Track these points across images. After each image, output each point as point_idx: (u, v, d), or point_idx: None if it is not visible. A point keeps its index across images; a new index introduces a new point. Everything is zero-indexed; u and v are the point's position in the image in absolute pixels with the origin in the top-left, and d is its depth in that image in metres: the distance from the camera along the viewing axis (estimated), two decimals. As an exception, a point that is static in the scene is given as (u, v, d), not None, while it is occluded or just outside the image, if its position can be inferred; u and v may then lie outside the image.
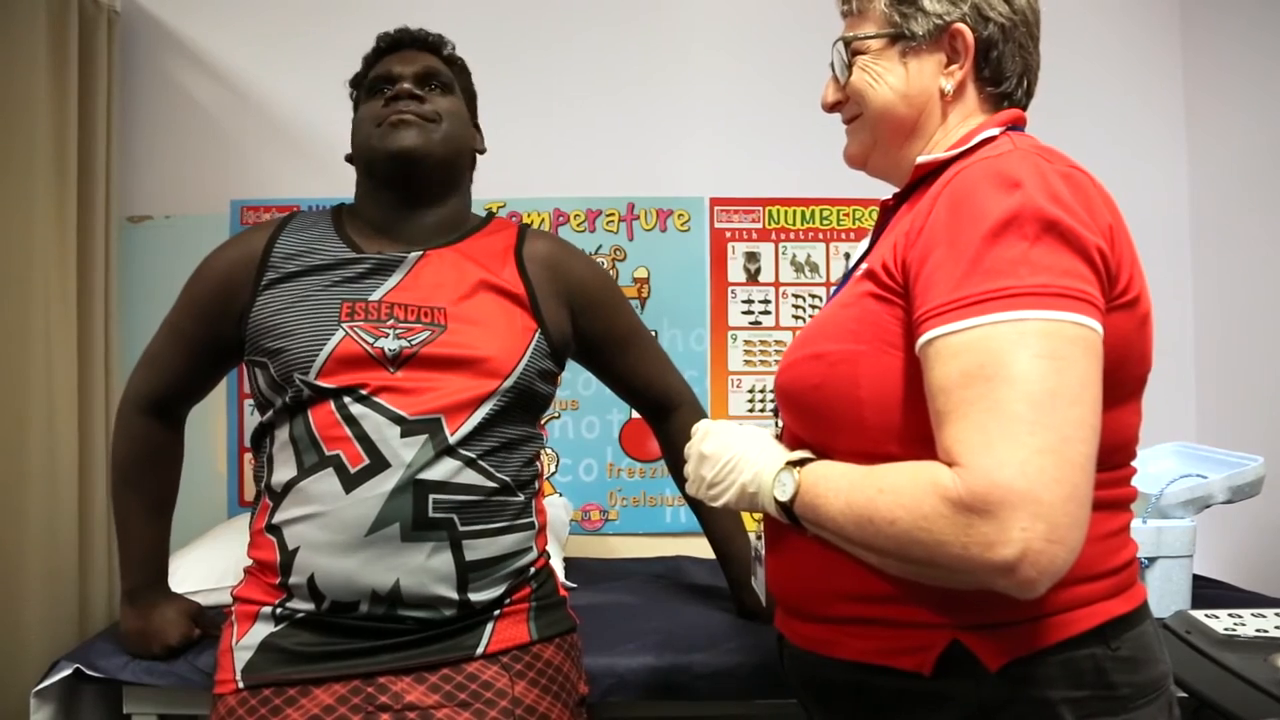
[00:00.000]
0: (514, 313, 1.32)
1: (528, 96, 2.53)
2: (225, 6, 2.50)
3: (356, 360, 1.22)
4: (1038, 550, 0.73)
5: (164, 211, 2.50)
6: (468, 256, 1.34)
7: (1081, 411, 0.77)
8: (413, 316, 1.26)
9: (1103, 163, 2.74)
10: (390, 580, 1.17)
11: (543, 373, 1.33)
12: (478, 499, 1.22)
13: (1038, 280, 0.79)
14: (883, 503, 0.83)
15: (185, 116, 2.52)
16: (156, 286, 2.40)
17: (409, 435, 1.19)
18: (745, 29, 2.58)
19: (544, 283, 1.37)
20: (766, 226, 2.60)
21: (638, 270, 2.58)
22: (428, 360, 1.23)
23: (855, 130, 1.09)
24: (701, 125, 2.60)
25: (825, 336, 0.97)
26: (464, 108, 1.43)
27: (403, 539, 1.17)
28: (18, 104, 2.00)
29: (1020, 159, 0.87)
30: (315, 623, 1.19)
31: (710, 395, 2.57)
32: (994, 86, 1.02)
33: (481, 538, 1.22)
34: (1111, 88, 2.66)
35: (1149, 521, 1.74)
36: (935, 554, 0.78)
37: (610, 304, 1.49)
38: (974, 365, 0.78)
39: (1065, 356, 0.77)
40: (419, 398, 1.21)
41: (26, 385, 2.00)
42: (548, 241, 1.45)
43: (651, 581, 2.16)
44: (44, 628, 1.98)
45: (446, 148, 1.35)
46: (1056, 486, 0.74)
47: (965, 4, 1.00)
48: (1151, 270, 0.96)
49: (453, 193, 1.39)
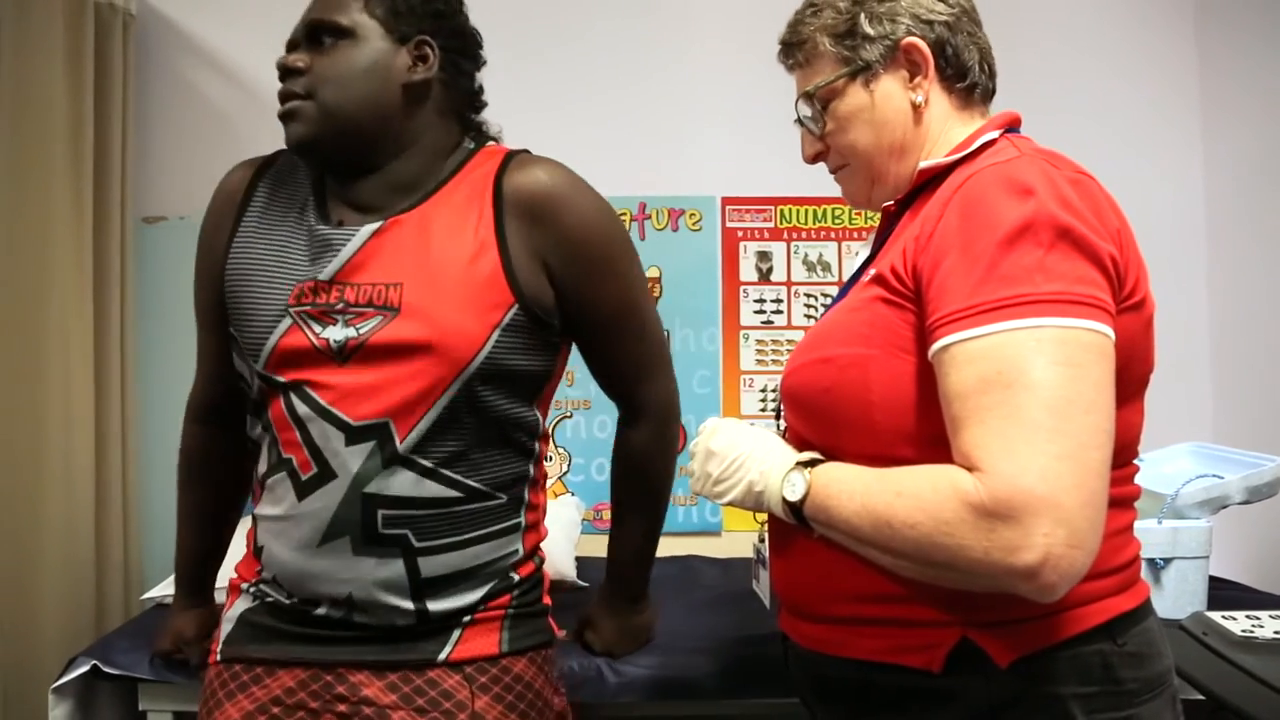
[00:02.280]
0: (482, 283, 1.10)
1: (538, 96, 2.53)
2: (239, 9, 2.51)
3: (301, 354, 1.10)
4: (1059, 555, 0.74)
5: (178, 212, 2.51)
6: (434, 219, 1.13)
7: (1097, 418, 0.78)
8: (364, 299, 1.09)
9: (1119, 166, 2.73)
10: (344, 591, 1.09)
11: (527, 347, 1.13)
12: (437, 512, 1.10)
13: (1053, 287, 0.80)
14: (901, 506, 0.83)
15: (199, 118, 2.54)
16: (171, 286, 2.42)
17: (355, 443, 1.07)
18: (757, 28, 2.56)
19: (522, 238, 1.12)
20: (778, 226, 2.60)
21: (650, 270, 2.58)
22: (377, 350, 1.08)
23: (847, 178, 1.09)
24: (713, 125, 2.60)
25: (834, 340, 0.96)
26: (360, 48, 1.12)
27: (354, 552, 1.08)
28: (36, 106, 2.03)
29: (1029, 164, 0.88)
30: (282, 609, 1.14)
31: (722, 395, 2.57)
32: (960, 81, 1.02)
33: (443, 553, 1.11)
34: (1127, 92, 2.65)
35: (1164, 522, 1.73)
36: (956, 558, 0.79)
37: (599, 269, 1.17)
38: (992, 371, 0.79)
39: (1081, 364, 0.78)
40: (366, 399, 1.07)
41: (44, 384, 2.02)
42: (536, 175, 1.14)
43: (662, 581, 2.15)
44: (61, 625, 2.00)
45: (331, 123, 1.11)
46: (1076, 492, 0.75)
47: (904, 16, 1.00)
48: (1167, 272, 0.96)
49: (392, 151, 1.15)
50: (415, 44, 1.14)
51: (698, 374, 2.57)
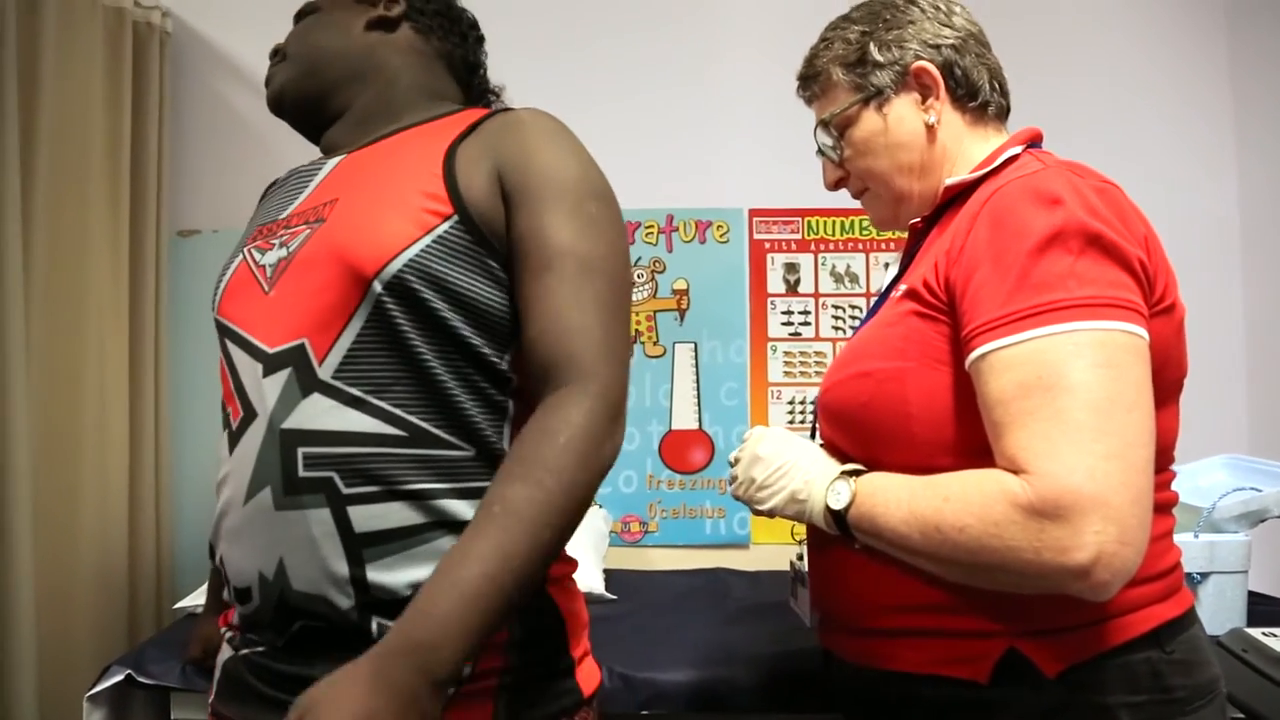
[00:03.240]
0: (417, 190, 0.96)
1: (564, 107, 2.52)
2: (273, 28, 2.52)
3: (242, 285, 1.01)
4: (1111, 553, 0.75)
5: (212, 225, 2.55)
6: (395, 148, 1.05)
7: (1139, 416, 0.79)
8: (300, 220, 1.00)
9: (1153, 173, 2.70)
10: (274, 559, 0.90)
11: (468, 267, 0.94)
12: (370, 451, 0.90)
13: (1086, 292, 0.81)
14: (950, 510, 0.84)
15: (233, 133, 2.57)
16: (204, 298, 2.45)
17: (271, 373, 0.92)
18: (784, 40, 2.57)
19: (475, 152, 0.98)
20: (806, 237, 2.60)
21: (677, 282, 2.58)
22: (300, 265, 0.95)
23: (870, 201, 1.12)
24: (740, 137, 2.60)
25: (870, 355, 0.98)
26: (328, 13, 1.15)
27: (275, 505, 0.90)
28: (76, 123, 2.07)
29: (1055, 175, 0.89)
30: (255, 665, 0.96)
31: (750, 406, 2.56)
32: (972, 100, 1.05)
33: (379, 501, 0.89)
34: (1160, 97, 2.62)
35: (1201, 536, 1.70)
36: (1007, 560, 0.80)
37: (553, 197, 0.95)
38: (1031, 377, 0.80)
39: (1120, 364, 0.80)
40: (281, 321, 0.94)
41: (80, 394, 2.05)
42: (516, 111, 1.03)
43: (692, 594, 2.16)
44: (96, 633, 2.03)
45: (295, 68, 1.13)
46: (1124, 490, 0.76)
47: (912, 42, 1.04)
48: (1202, 280, 0.96)
49: (356, 84, 1.12)
50: (384, 2, 1.15)
51: (725, 386, 2.57)
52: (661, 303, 2.58)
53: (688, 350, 2.58)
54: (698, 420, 2.57)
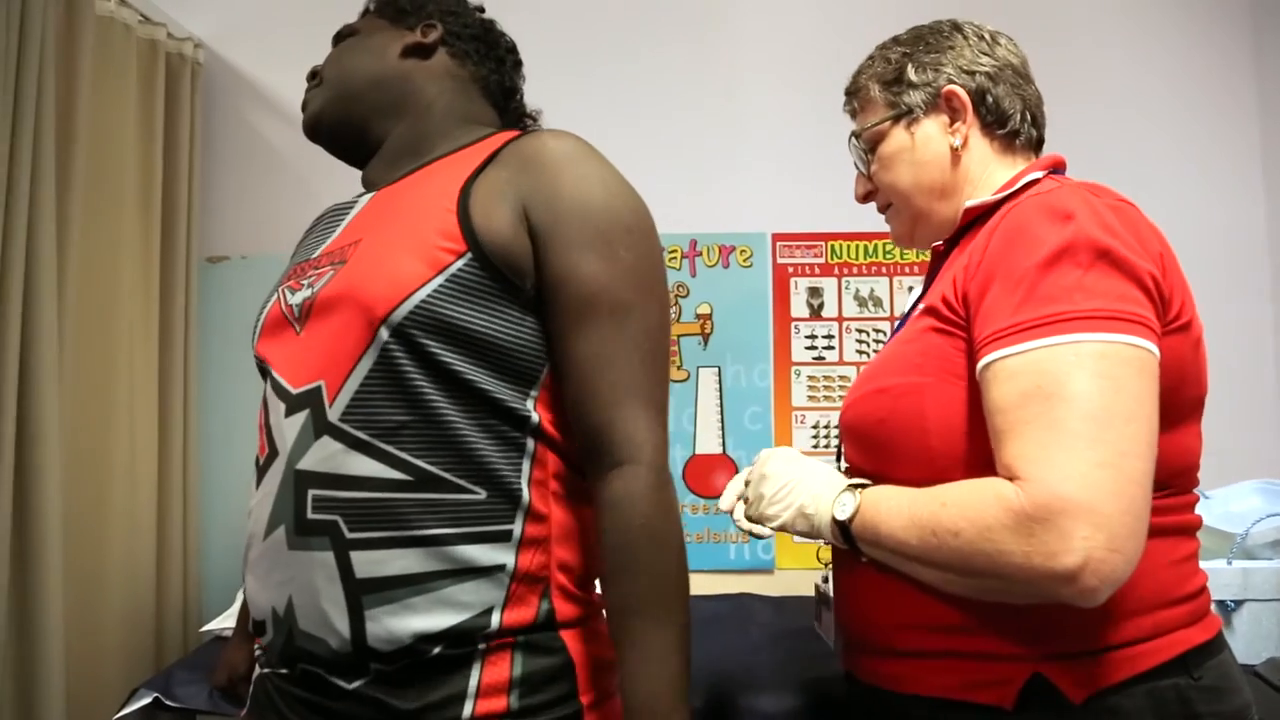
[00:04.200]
0: (430, 227, 0.94)
1: (587, 132, 2.55)
2: (302, 59, 2.57)
3: (276, 324, 1.02)
4: (1099, 559, 0.76)
5: (240, 252, 2.58)
6: (422, 181, 1.03)
7: (1137, 428, 0.80)
8: (327, 261, 1.00)
9: (1180, 193, 2.68)
10: (284, 597, 0.92)
11: (483, 307, 0.91)
12: (374, 496, 0.89)
13: (1092, 305, 0.83)
14: (946, 515, 0.85)
15: (262, 162, 2.61)
16: (233, 324, 2.49)
17: (293, 413, 0.93)
18: (806, 65, 2.60)
19: (495, 184, 0.95)
20: (829, 261, 2.59)
21: (700, 306, 2.58)
22: (322, 306, 0.95)
23: (893, 216, 1.14)
24: (763, 161, 2.61)
25: (889, 372, 0.99)
26: (365, 38, 1.15)
27: (289, 545, 0.91)
28: (110, 151, 2.11)
29: (1070, 193, 0.91)
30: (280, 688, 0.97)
31: (774, 431, 2.56)
32: (1001, 128, 1.07)
33: (381, 547, 0.89)
34: (1187, 117, 2.61)
35: (1234, 563, 1.67)
36: (998, 564, 0.80)
37: (585, 237, 0.93)
38: (1032, 386, 0.82)
39: (1120, 376, 0.80)
40: (304, 362, 0.95)
41: (110, 416, 2.08)
42: (542, 137, 0.99)
43: (716, 619, 2.14)
44: (123, 656, 2.04)
45: (333, 92, 1.12)
46: (1115, 499, 0.77)
47: (948, 67, 1.07)
48: (1231, 300, 0.95)
49: (392, 113, 1.11)
50: (421, 28, 1.15)
51: (749, 410, 2.56)
52: (685, 327, 2.58)
53: (711, 374, 2.57)
54: (721, 444, 2.56)
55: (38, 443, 1.78)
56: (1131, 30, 2.62)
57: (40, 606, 1.77)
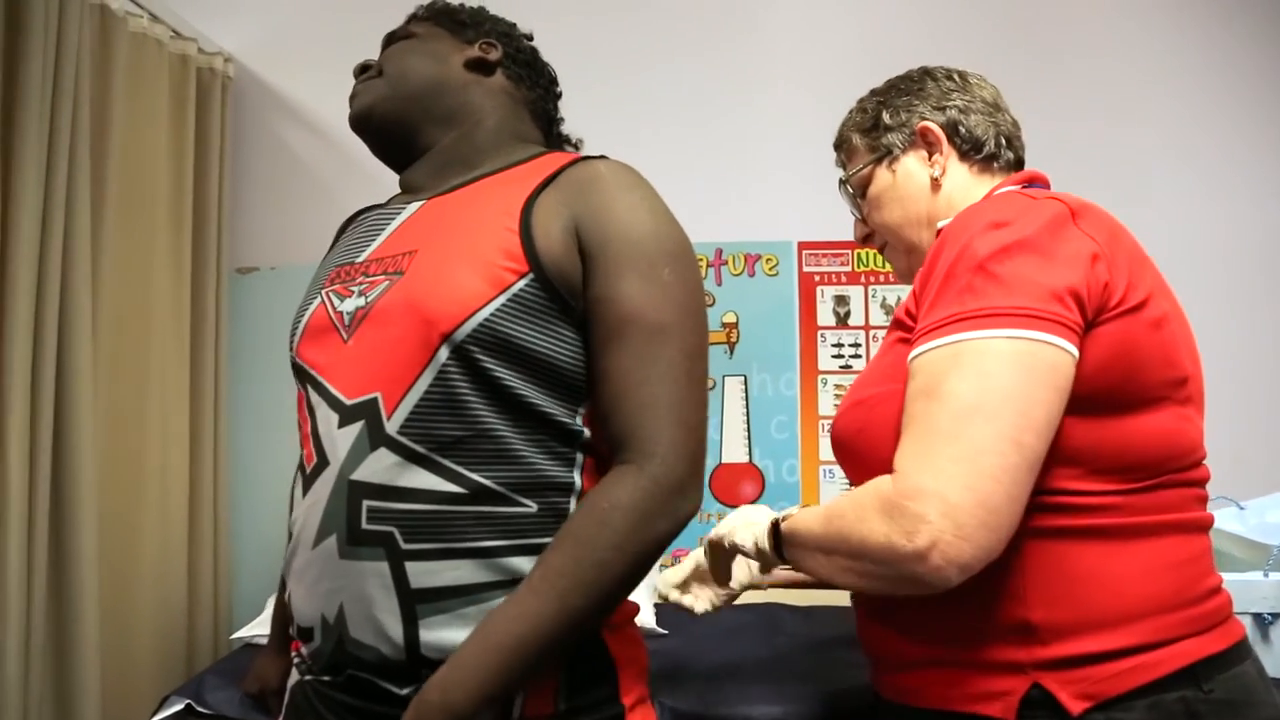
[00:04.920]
0: (494, 246, 0.96)
1: (612, 141, 2.55)
2: (329, 72, 2.62)
3: (321, 330, 1.02)
4: (946, 542, 0.81)
5: (270, 263, 2.61)
6: (475, 196, 1.05)
7: (999, 427, 0.83)
8: (379, 269, 1.01)
9: (1203, 197, 2.63)
10: (335, 605, 0.93)
11: (542, 327, 0.95)
12: (431, 509, 0.91)
13: (977, 304, 0.87)
14: (838, 503, 0.93)
15: (291, 174, 2.65)
16: (262, 333, 2.51)
17: (346, 424, 0.94)
18: (831, 73, 2.59)
19: (553, 207, 0.98)
20: (855, 270, 2.59)
21: (726, 315, 2.58)
22: (378, 317, 0.96)
23: (890, 254, 1.21)
24: (788, 169, 2.61)
25: (865, 384, 1.03)
26: (427, 42, 1.16)
27: (340, 554, 0.92)
28: (142, 164, 2.14)
29: (993, 202, 0.96)
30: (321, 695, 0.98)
31: (800, 441, 2.55)
32: (977, 153, 1.13)
33: (437, 559, 0.91)
34: (1218, 109, 2.59)
35: (1271, 575, 1.64)
36: (866, 543, 0.86)
37: (620, 260, 0.96)
38: (922, 384, 0.88)
39: (992, 373, 0.84)
40: (360, 373, 0.95)
41: (143, 426, 2.11)
42: (594, 163, 1.03)
43: (743, 628, 2.13)
44: (155, 663, 2.07)
45: (392, 88, 1.12)
46: (965, 491, 0.81)
47: (920, 106, 1.15)
48: (1257, 304, 0.93)
49: (447, 123, 1.13)
50: (481, 44, 1.17)
51: (775, 419, 2.56)
52: (711, 336, 2.58)
53: (738, 383, 2.57)
54: (748, 453, 2.55)
55: (74, 452, 1.81)
56: (1166, 25, 2.60)
57: (76, 615, 1.80)
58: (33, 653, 1.70)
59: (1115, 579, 0.87)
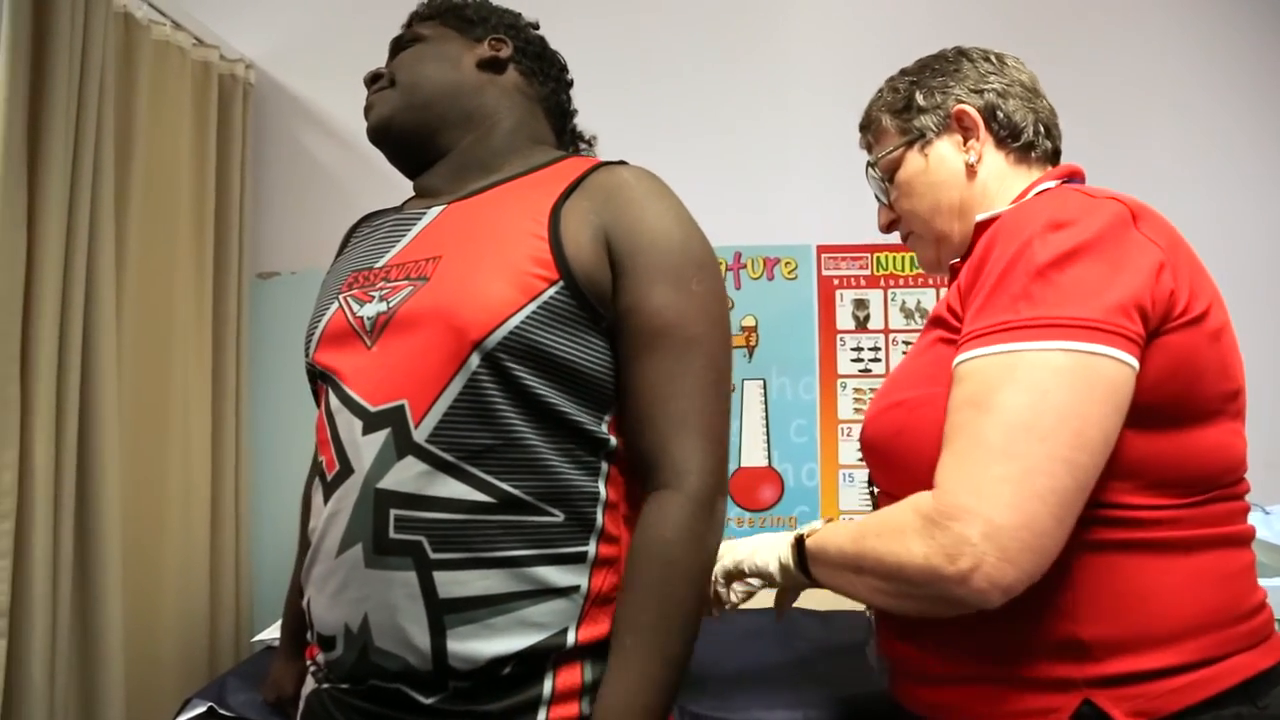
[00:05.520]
0: (523, 254, 0.95)
1: (631, 148, 2.56)
2: (349, 78, 2.62)
3: (341, 335, 1.01)
4: (990, 565, 0.78)
5: (290, 268, 2.63)
6: (497, 202, 1.04)
7: (1051, 446, 0.79)
8: (402, 275, 1.00)
9: (1236, 196, 2.60)
10: (359, 614, 0.92)
11: (571, 335, 0.95)
12: (460, 518, 0.91)
13: (1035, 313, 0.82)
14: (874, 520, 0.90)
15: (311, 180, 2.66)
16: (283, 337, 2.53)
17: (371, 431, 0.93)
18: (850, 76, 2.57)
19: (581, 214, 0.98)
20: (875, 273, 2.57)
21: (745, 319, 2.58)
22: (403, 323, 0.95)
23: (916, 243, 1.15)
24: (807, 173, 2.60)
25: (903, 385, 0.99)
26: (436, 45, 1.15)
27: (366, 563, 0.91)
28: (165, 170, 2.16)
29: (1050, 199, 0.90)
30: (338, 701, 0.98)
31: (820, 444, 2.54)
32: (1015, 140, 1.07)
33: (466, 568, 0.90)
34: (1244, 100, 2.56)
35: (1305, 581, 1.62)
36: (904, 563, 0.83)
37: (657, 269, 0.97)
38: (970, 392, 0.84)
39: (1049, 389, 0.80)
40: (385, 380, 0.94)
41: (165, 430, 2.13)
42: (620, 171, 1.03)
43: (761, 633, 2.12)
44: (178, 666, 2.08)
45: (407, 98, 1.11)
46: (1011, 512, 0.78)
47: (956, 88, 1.09)
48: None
49: (465, 126, 1.12)
50: (490, 41, 1.16)
51: (795, 423, 2.55)
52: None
53: (756, 387, 2.56)
54: (767, 457, 2.55)
55: (98, 455, 1.83)
56: (1199, 24, 2.57)
57: (101, 617, 1.81)
58: (58, 655, 1.71)
59: (1168, 594, 0.85)
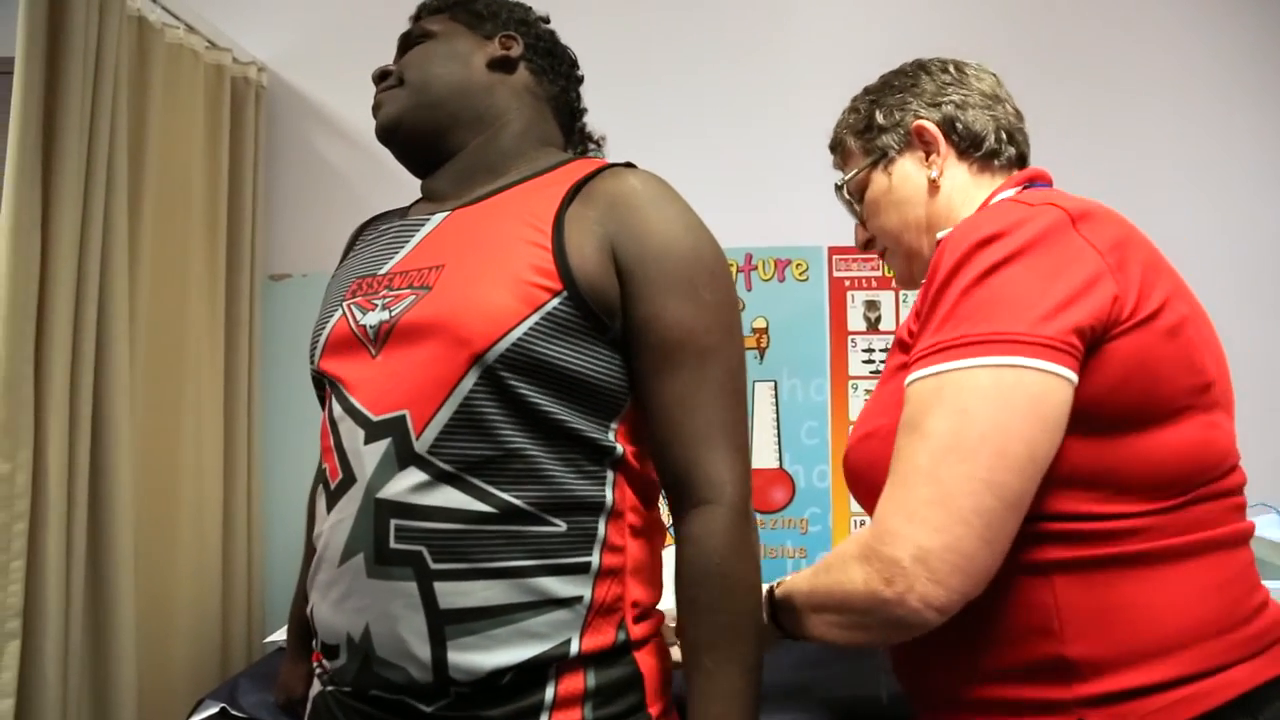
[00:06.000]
0: (526, 264, 0.94)
1: (641, 149, 2.56)
2: (361, 81, 2.62)
3: (345, 343, 1.00)
4: (922, 586, 0.79)
5: (302, 270, 2.63)
6: (501, 207, 1.03)
7: (971, 468, 0.79)
8: (405, 283, 0.99)
9: (1237, 196, 2.59)
10: (361, 624, 0.92)
11: (575, 346, 0.94)
12: (460, 528, 0.90)
13: (958, 332, 0.83)
14: (825, 557, 0.92)
15: (323, 182, 2.67)
16: (295, 340, 2.54)
17: (373, 441, 0.92)
18: (860, 76, 2.56)
19: (585, 223, 0.96)
20: (886, 274, 2.56)
21: (756, 320, 2.57)
22: (405, 333, 0.94)
23: (891, 259, 1.16)
24: (819, 174, 2.57)
25: (873, 414, 0.98)
26: (446, 42, 1.13)
27: (367, 573, 0.91)
28: (178, 173, 2.17)
29: (989, 212, 0.90)
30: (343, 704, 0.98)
31: (831, 446, 2.53)
32: (976, 150, 1.07)
33: (466, 579, 0.89)
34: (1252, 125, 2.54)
35: (1315, 582, 1.60)
36: (848, 591, 0.86)
37: (670, 280, 0.95)
38: (906, 417, 0.85)
39: (968, 408, 0.81)
40: (387, 390, 0.94)
41: (178, 432, 2.13)
42: (626, 177, 1.01)
43: (773, 636, 2.12)
44: (190, 667, 2.09)
45: (416, 97, 1.10)
46: (937, 535, 0.79)
47: (913, 104, 1.09)
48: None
49: (475, 127, 1.10)
50: (501, 39, 1.15)
51: (806, 425, 2.54)
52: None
53: (768, 389, 2.56)
54: (778, 459, 2.54)
55: (111, 456, 1.83)
56: (1201, 23, 2.56)
57: (114, 618, 1.82)
58: (71, 655, 1.72)
59: (1154, 607, 0.83)
